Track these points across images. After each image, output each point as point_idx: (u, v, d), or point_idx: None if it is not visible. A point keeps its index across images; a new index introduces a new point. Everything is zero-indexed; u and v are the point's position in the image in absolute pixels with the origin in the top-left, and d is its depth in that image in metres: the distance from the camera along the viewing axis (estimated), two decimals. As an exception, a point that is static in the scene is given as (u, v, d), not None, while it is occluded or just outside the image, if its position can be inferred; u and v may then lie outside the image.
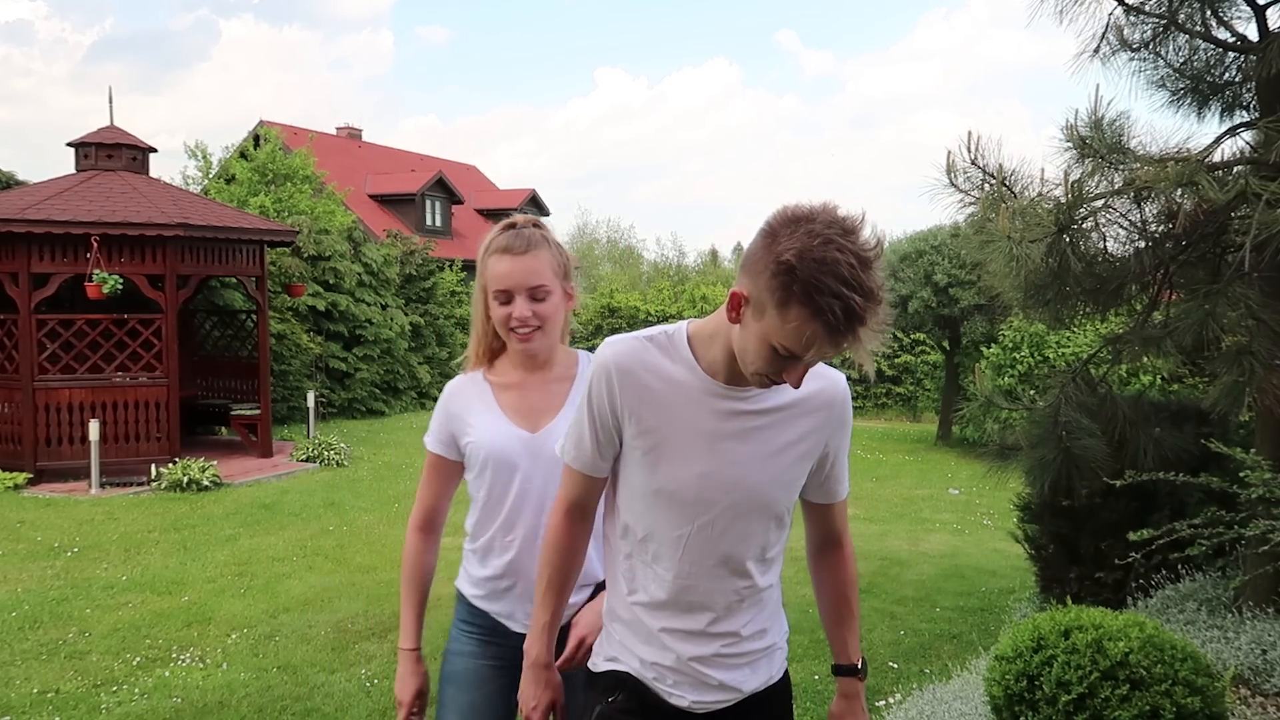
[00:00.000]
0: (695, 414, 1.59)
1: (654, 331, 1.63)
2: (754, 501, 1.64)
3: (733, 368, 1.56)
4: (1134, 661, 2.54)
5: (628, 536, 1.68)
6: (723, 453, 1.60)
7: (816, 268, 1.33)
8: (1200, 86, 4.07)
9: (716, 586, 1.66)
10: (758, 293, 1.41)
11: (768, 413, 1.61)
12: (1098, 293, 3.87)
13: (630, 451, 1.63)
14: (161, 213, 9.47)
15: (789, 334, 1.38)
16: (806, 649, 4.86)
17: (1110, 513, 4.41)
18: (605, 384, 1.61)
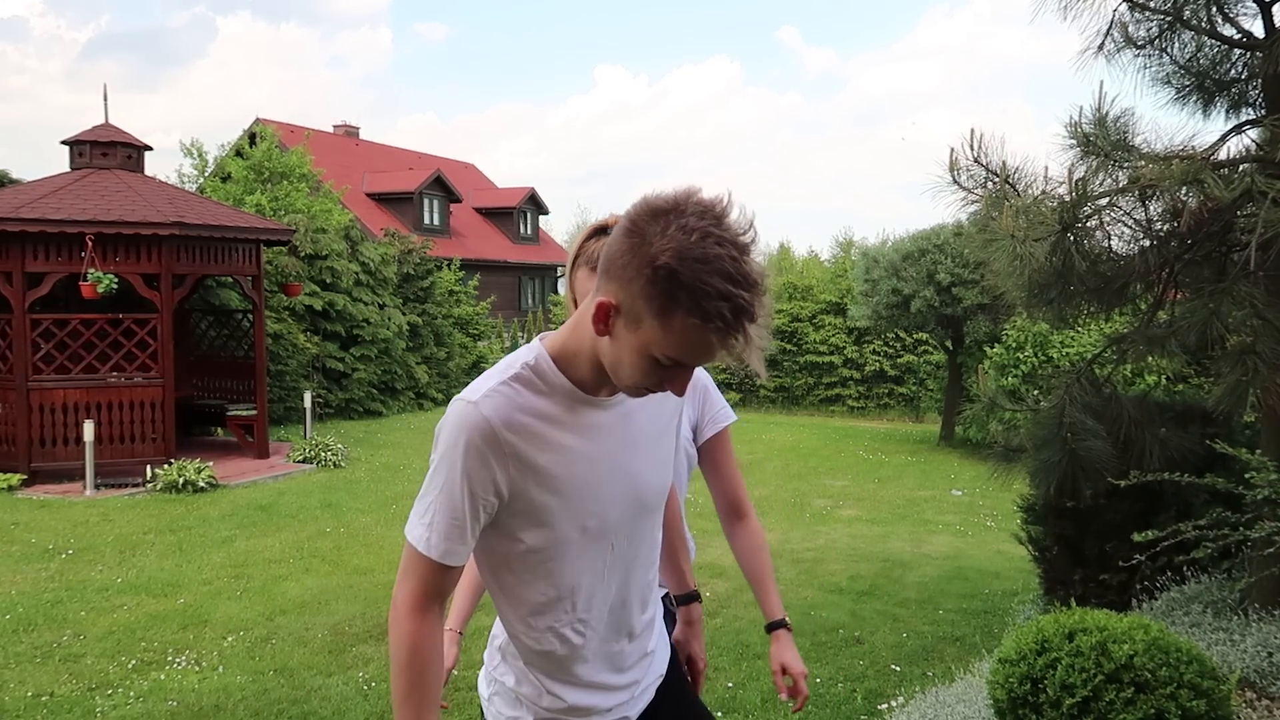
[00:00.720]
0: (590, 439, 1.49)
1: (510, 372, 1.44)
2: (650, 498, 1.62)
3: (605, 384, 1.45)
4: (1139, 664, 2.54)
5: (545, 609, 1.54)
6: (626, 465, 1.54)
7: (699, 269, 1.21)
8: (1205, 83, 4.07)
9: (640, 591, 1.68)
10: (630, 301, 1.28)
11: (643, 403, 1.54)
12: (1102, 292, 3.87)
13: (528, 513, 1.45)
14: (157, 211, 9.47)
15: (674, 344, 1.27)
16: (808, 652, 4.86)
17: (1115, 514, 4.41)
18: (488, 449, 1.39)
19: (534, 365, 1.45)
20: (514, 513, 1.44)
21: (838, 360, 17.31)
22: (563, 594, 1.53)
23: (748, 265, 1.24)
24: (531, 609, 1.54)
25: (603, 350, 1.37)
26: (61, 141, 10.63)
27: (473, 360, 19.35)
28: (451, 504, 1.41)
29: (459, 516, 1.41)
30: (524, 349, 1.49)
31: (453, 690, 4.38)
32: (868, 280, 13.24)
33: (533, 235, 35.28)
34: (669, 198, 1.27)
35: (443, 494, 1.41)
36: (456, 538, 1.43)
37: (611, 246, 1.30)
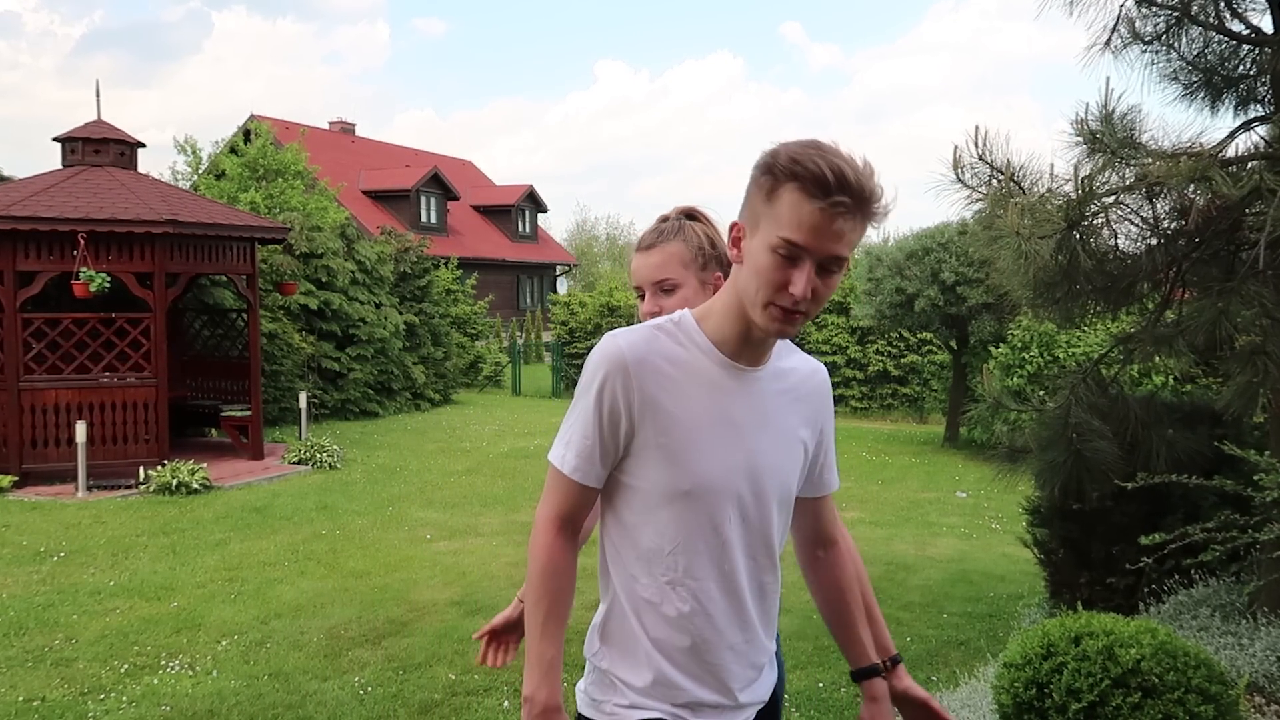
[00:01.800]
0: (718, 399, 1.54)
1: (658, 321, 1.57)
2: (783, 490, 1.62)
3: (744, 343, 1.53)
4: (1146, 669, 2.54)
5: (656, 557, 1.57)
6: (749, 438, 1.56)
7: (799, 149, 1.39)
8: (1214, 80, 4.07)
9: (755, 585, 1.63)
10: (751, 209, 1.45)
11: (780, 395, 1.61)
12: (1108, 291, 3.87)
13: (646, 453, 1.53)
14: (150, 209, 9.47)
15: (785, 220, 1.39)
16: (810, 656, 4.86)
17: (1122, 516, 4.41)
18: (620, 379, 1.50)
19: (678, 321, 1.57)
20: (635, 449, 1.53)
21: (840, 360, 17.31)
22: (668, 548, 1.56)
23: (853, 163, 1.38)
24: (642, 553, 1.58)
25: (740, 283, 1.48)
26: (53, 138, 10.63)
27: (470, 360, 19.35)
28: (585, 426, 1.53)
29: (590, 438, 1.53)
30: (675, 313, 1.60)
31: (449, 695, 4.38)
32: (871, 279, 13.23)
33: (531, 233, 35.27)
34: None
35: (578, 417, 1.54)
36: (588, 458, 1.54)
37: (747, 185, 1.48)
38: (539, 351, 25.94)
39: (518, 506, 8.66)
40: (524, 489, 9.53)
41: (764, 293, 1.43)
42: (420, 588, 6.10)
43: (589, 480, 1.56)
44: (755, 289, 1.44)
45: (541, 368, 23.51)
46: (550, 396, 19.54)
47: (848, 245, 1.42)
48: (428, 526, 7.90)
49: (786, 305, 1.43)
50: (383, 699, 4.34)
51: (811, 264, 1.41)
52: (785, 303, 1.43)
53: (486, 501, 8.91)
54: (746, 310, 1.48)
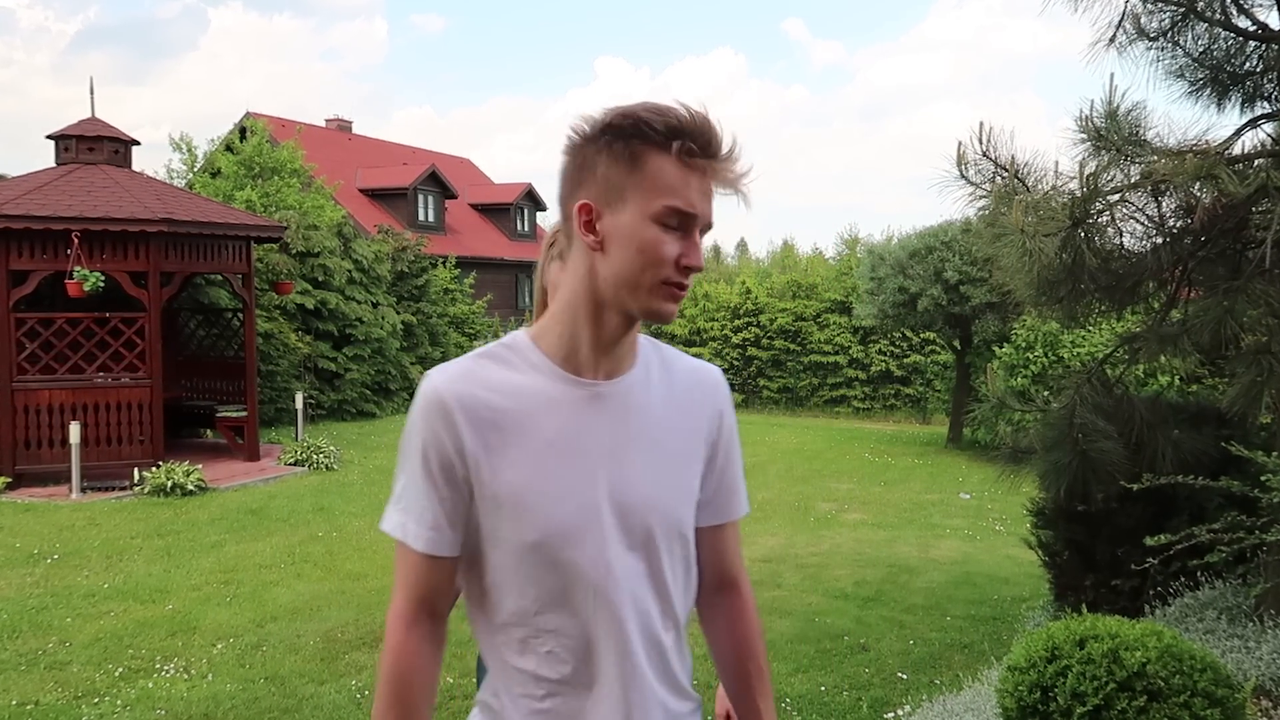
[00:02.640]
0: (567, 425, 1.33)
1: (486, 348, 1.37)
2: (671, 524, 1.38)
3: (598, 351, 1.34)
4: (1151, 672, 2.54)
5: (522, 621, 1.34)
6: (612, 467, 1.35)
7: (659, 109, 1.26)
8: (1220, 76, 4.07)
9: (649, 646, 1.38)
10: (605, 183, 1.28)
11: (657, 408, 1.39)
12: (1113, 290, 3.87)
13: (487, 504, 1.31)
14: (144, 208, 9.48)
15: (666, 186, 1.26)
16: (812, 659, 4.86)
17: (1127, 518, 4.41)
18: (442, 423, 1.29)
19: (510, 344, 1.37)
20: (476, 500, 1.32)
21: (843, 360, 17.32)
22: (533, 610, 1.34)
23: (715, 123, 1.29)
24: (507, 619, 1.35)
25: (603, 271, 1.30)
26: (47, 136, 10.64)
27: (468, 360, 19.33)
28: (419, 486, 1.32)
29: (428, 499, 1.31)
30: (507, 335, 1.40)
31: (447, 699, 4.38)
32: (873, 278, 13.24)
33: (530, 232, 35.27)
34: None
35: (409, 478, 1.33)
36: (433, 524, 1.31)
37: (564, 165, 1.31)
38: (538, 351, 25.89)
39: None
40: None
41: (653, 271, 1.28)
42: (418, 590, 6.10)
43: (442, 549, 1.32)
44: (640, 269, 1.28)
45: (540, 368, 23.49)
46: (549, 397, 19.53)
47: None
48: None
49: (679, 280, 1.29)
50: (380, 703, 4.34)
51: (696, 232, 1.30)
52: (679, 278, 1.29)
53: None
54: (619, 301, 1.30)
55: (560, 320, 1.35)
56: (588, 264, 1.31)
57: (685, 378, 1.44)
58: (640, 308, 1.30)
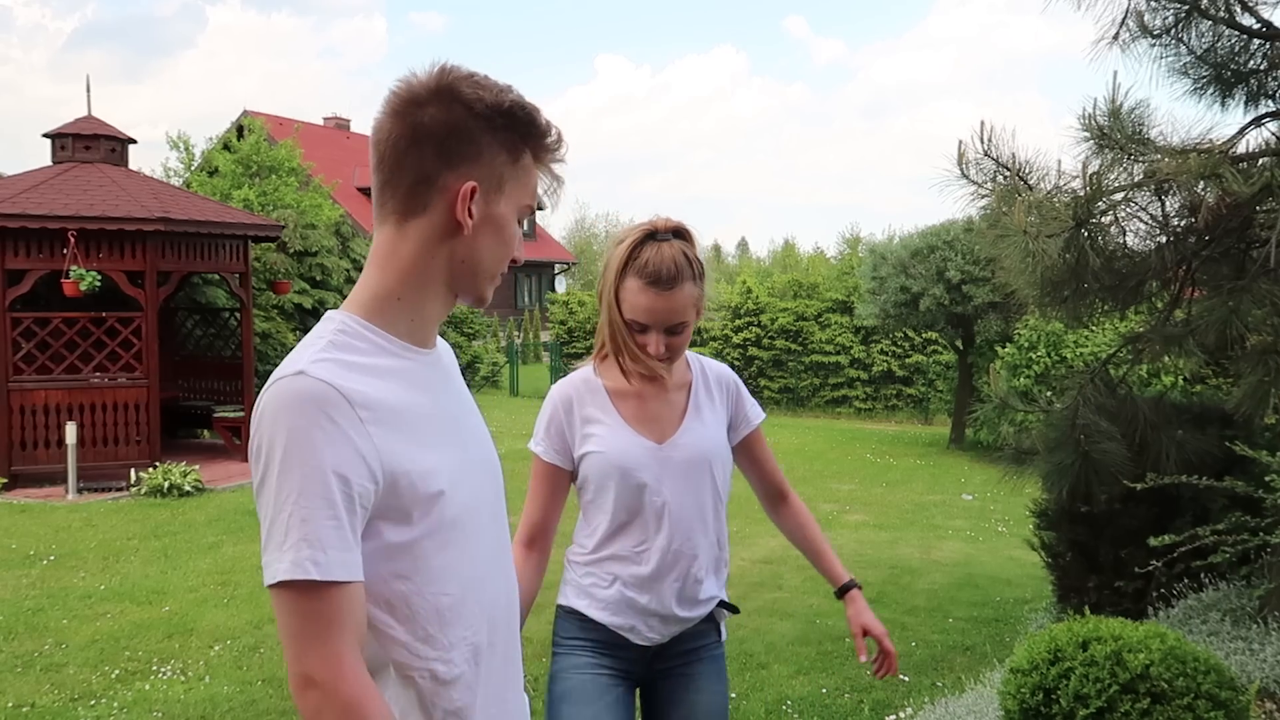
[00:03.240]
0: (432, 398, 1.31)
1: (323, 342, 1.23)
2: (498, 473, 1.45)
3: (431, 325, 1.33)
4: (1155, 674, 2.54)
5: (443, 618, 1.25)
6: (475, 433, 1.40)
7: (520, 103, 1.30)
8: (1224, 74, 4.07)
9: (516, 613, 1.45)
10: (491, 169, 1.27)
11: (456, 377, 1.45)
12: (1117, 289, 3.88)
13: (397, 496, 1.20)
14: (141, 207, 9.48)
15: (533, 183, 1.32)
16: (813, 661, 4.86)
17: (1130, 519, 4.41)
18: (344, 418, 1.14)
19: (344, 330, 1.25)
20: (398, 486, 1.19)
21: (844, 360, 17.32)
22: (466, 590, 1.28)
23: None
24: (440, 619, 1.25)
25: (459, 254, 1.28)
26: (43, 134, 10.64)
27: (467, 360, 19.36)
28: (321, 504, 1.12)
29: (335, 511, 1.12)
30: (317, 327, 1.28)
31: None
32: (875, 278, 13.24)
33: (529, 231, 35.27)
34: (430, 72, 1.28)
35: (303, 497, 1.11)
36: (343, 540, 1.13)
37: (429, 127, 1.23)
38: (537, 351, 25.94)
39: (514, 509, 8.64)
40: (522, 491, 9.45)
41: (503, 261, 1.32)
42: (416, 592, 6.10)
43: (356, 573, 1.15)
44: (500, 259, 1.31)
45: (540, 368, 23.52)
46: (549, 397, 19.55)
47: None
48: (424, 529, 7.89)
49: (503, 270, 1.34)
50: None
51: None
52: (505, 268, 1.35)
53: (484, 504, 8.92)
54: (463, 283, 1.30)
55: (401, 295, 1.28)
56: (444, 242, 1.26)
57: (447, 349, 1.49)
58: (477, 293, 1.33)
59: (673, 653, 2.13)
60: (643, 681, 2.17)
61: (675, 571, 2.07)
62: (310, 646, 1.11)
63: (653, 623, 2.09)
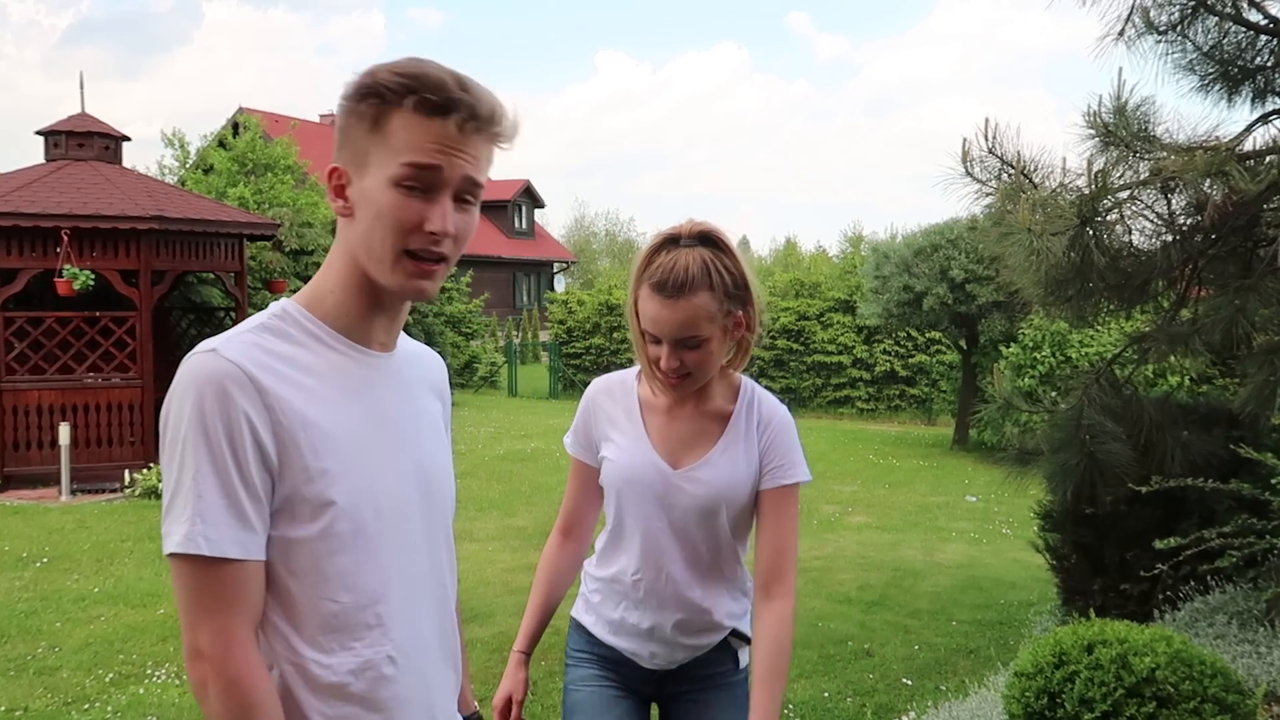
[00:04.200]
0: (365, 397, 1.27)
1: (253, 324, 1.25)
2: (450, 498, 1.42)
3: (376, 321, 1.29)
4: (1161, 678, 2.54)
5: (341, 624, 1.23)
6: (411, 439, 1.33)
7: (403, 65, 1.21)
8: (1230, 71, 4.07)
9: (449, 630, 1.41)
10: (353, 147, 1.23)
11: (419, 382, 1.40)
12: (1122, 288, 3.88)
13: (302, 490, 1.19)
14: (135, 205, 9.47)
15: (405, 144, 1.19)
16: (815, 665, 4.86)
17: (1136, 521, 4.41)
18: (243, 396, 1.15)
19: (282, 314, 1.26)
20: (291, 484, 1.18)
21: (846, 360, 17.32)
22: (363, 602, 1.24)
23: (466, 76, 1.23)
24: (323, 624, 1.22)
25: (356, 244, 1.24)
26: (36, 132, 10.64)
27: (465, 360, 19.36)
28: (215, 478, 1.13)
29: (231, 490, 1.14)
30: (274, 304, 1.30)
31: None
32: (878, 277, 13.24)
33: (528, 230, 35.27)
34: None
35: (199, 473, 1.13)
36: (238, 519, 1.14)
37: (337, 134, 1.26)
38: (536, 351, 25.95)
39: (514, 511, 8.66)
40: (520, 493, 9.53)
41: (392, 239, 1.21)
42: (414, 594, 6.10)
43: (253, 552, 1.16)
44: (380, 239, 1.21)
45: (539, 368, 23.52)
46: (548, 397, 19.55)
47: (483, 169, 1.24)
48: (421, 531, 7.89)
49: (424, 249, 1.22)
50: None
51: (447, 193, 1.22)
52: (421, 244, 1.21)
53: (482, 506, 8.92)
54: (371, 274, 1.24)
55: (337, 288, 1.28)
56: (345, 237, 1.26)
57: (422, 357, 1.45)
58: (388, 282, 1.24)
59: (685, 677, 2.04)
60: (657, 700, 2.11)
61: (673, 604, 1.97)
62: (201, 620, 1.15)
63: (655, 649, 2.01)
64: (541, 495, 9.39)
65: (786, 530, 1.93)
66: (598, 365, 19.97)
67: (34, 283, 9.57)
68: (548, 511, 8.64)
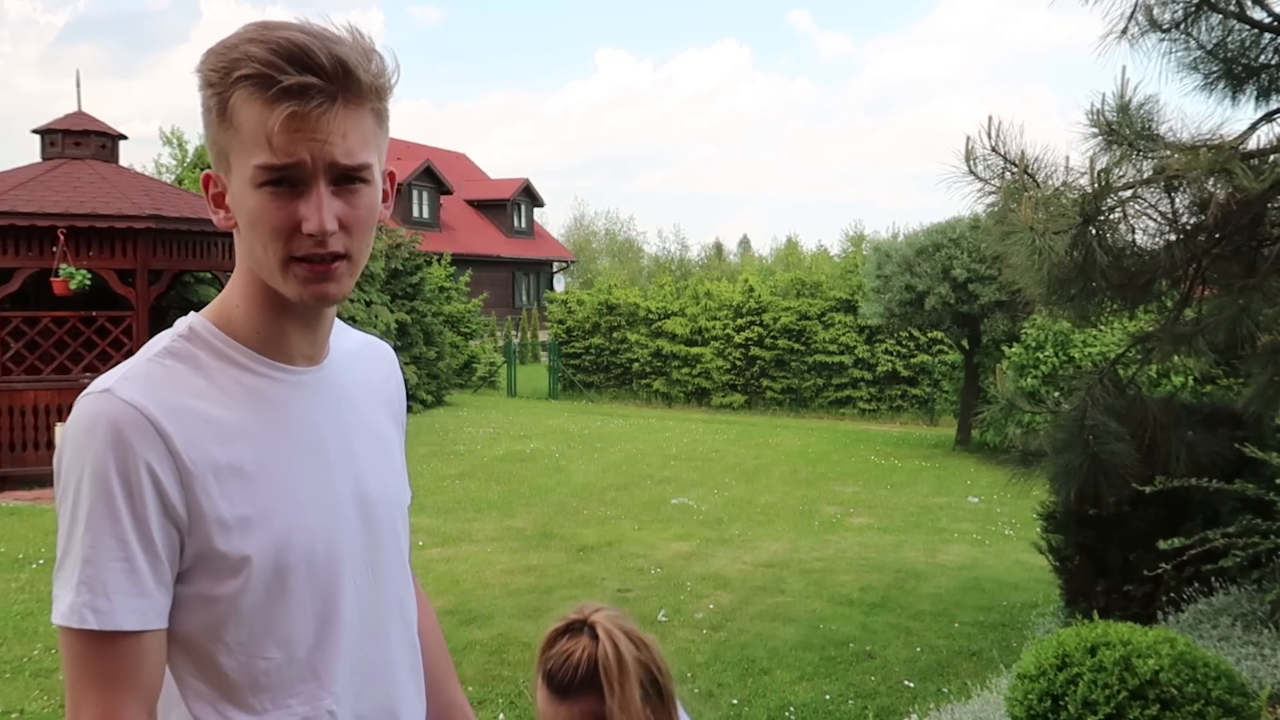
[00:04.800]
0: (292, 421, 1.14)
1: (156, 349, 1.11)
2: (399, 519, 1.28)
3: (294, 334, 1.16)
4: (1164, 680, 2.54)
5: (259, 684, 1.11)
6: (346, 461, 1.19)
7: (232, 40, 1.06)
8: (1234, 69, 4.07)
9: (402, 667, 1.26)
10: (215, 148, 1.09)
11: (359, 390, 1.26)
12: (1126, 288, 3.88)
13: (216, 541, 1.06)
14: (132, 204, 9.47)
15: (250, 139, 1.03)
16: (817, 667, 4.86)
17: (1139, 522, 4.41)
18: (146, 445, 1.02)
19: (189, 336, 1.12)
20: (204, 537, 1.05)
21: (848, 360, 17.32)
22: (297, 654, 1.12)
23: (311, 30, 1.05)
24: (253, 684, 1.10)
25: (246, 256, 1.12)
26: (32, 130, 10.65)
27: (464, 360, 19.37)
28: (110, 538, 1.01)
29: (128, 552, 1.01)
30: (181, 322, 1.16)
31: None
32: (879, 276, 13.24)
33: (527, 229, 35.27)
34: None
35: (91, 533, 1.01)
36: (134, 585, 1.01)
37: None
38: (535, 351, 25.95)
39: (513, 512, 8.66)
40: (520, 494, 9.53)
41: (273, 247, 1.06)
42: (412, 596, 6.09)
43: (151, 621, 1.03)
44: (261, 247, 1.07)
45: (538, 368, 23.52)
46: (547, 398, 19.55)
47: (358, 143, 1.06)
48: (420, 533, 7.89)
49: (308, 253, 1.06)
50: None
51: (319, 184, 1.05)
52: (304, 249, 1.06)
53: (481, 507, 8.91)
54: (270, 277, 1.11)
55: (246, 301, 1.14)
56: (237, 242, 1.14)
57: (372, 354, 1.32)
58: (286, 292, 1.10)
59: None
60: None
61: None
62: (85, 698, 1.03)
63: None
64: (540, 496, 9.39)
65: None
66: (597, 365, 19.98)
67: (30, 282, 9.57)
68: (547, 513, 8.64)
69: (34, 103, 73.67)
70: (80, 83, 11.03)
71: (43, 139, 10.56)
